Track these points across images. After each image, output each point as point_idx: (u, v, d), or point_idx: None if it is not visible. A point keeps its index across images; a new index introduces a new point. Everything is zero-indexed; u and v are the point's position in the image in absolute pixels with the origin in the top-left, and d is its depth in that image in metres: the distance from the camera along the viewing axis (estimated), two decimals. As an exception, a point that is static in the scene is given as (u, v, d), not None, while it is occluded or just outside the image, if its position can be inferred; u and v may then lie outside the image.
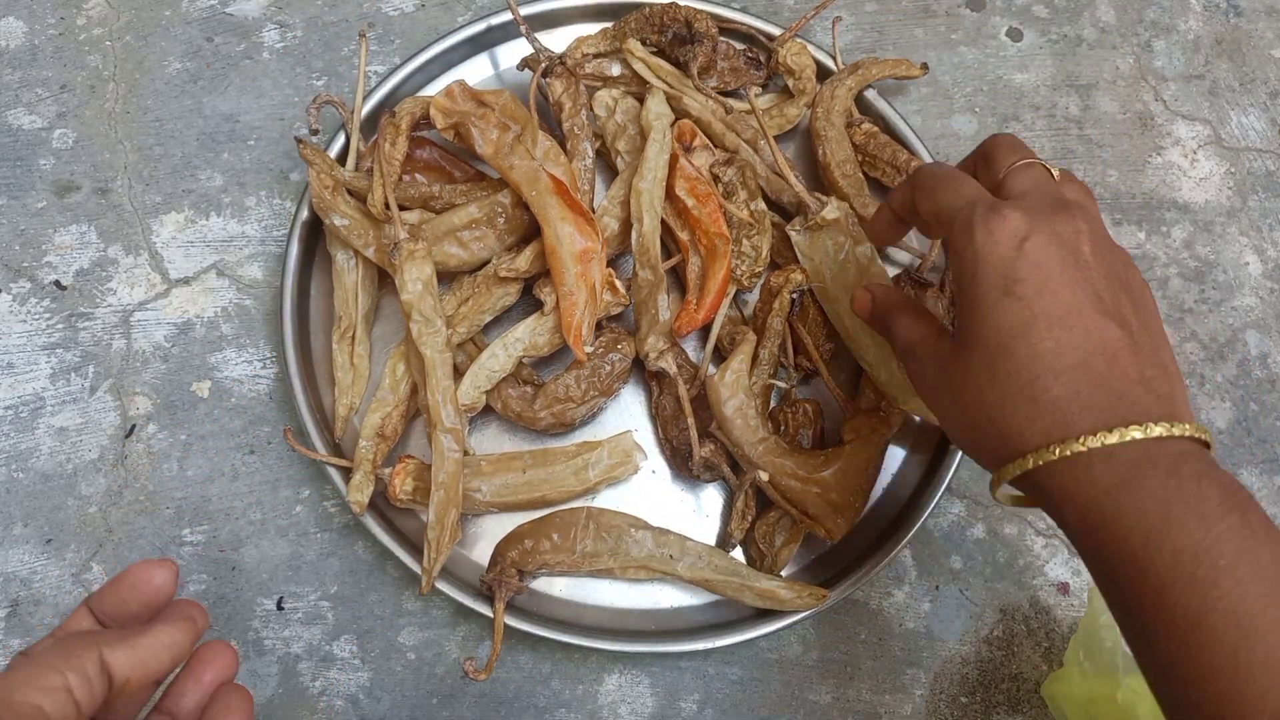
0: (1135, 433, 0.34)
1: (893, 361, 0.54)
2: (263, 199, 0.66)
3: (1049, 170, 0.43)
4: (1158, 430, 0.35)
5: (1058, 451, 0.35)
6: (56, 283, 0.63)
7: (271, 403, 0.61)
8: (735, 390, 0.53)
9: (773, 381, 0.58)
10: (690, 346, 0.61)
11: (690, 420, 0.55)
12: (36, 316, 0.63)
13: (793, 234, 0.56)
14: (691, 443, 0.55)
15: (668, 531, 0.55)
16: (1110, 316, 0.37)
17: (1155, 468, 0.34)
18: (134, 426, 0.61)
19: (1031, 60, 0.72)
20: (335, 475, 0.56)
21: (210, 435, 0.60)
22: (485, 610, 0.54)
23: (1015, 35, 0.72)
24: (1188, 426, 0.35)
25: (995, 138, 0.44)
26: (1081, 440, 0.35)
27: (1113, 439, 0.34)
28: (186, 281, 0.64)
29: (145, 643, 0.34)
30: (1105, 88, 0.71)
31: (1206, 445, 0.36)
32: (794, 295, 0.57)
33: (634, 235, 0.57)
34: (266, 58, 0.69)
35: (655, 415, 0.59)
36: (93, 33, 0.69)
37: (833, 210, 0.55)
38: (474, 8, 0.71)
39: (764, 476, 0.52)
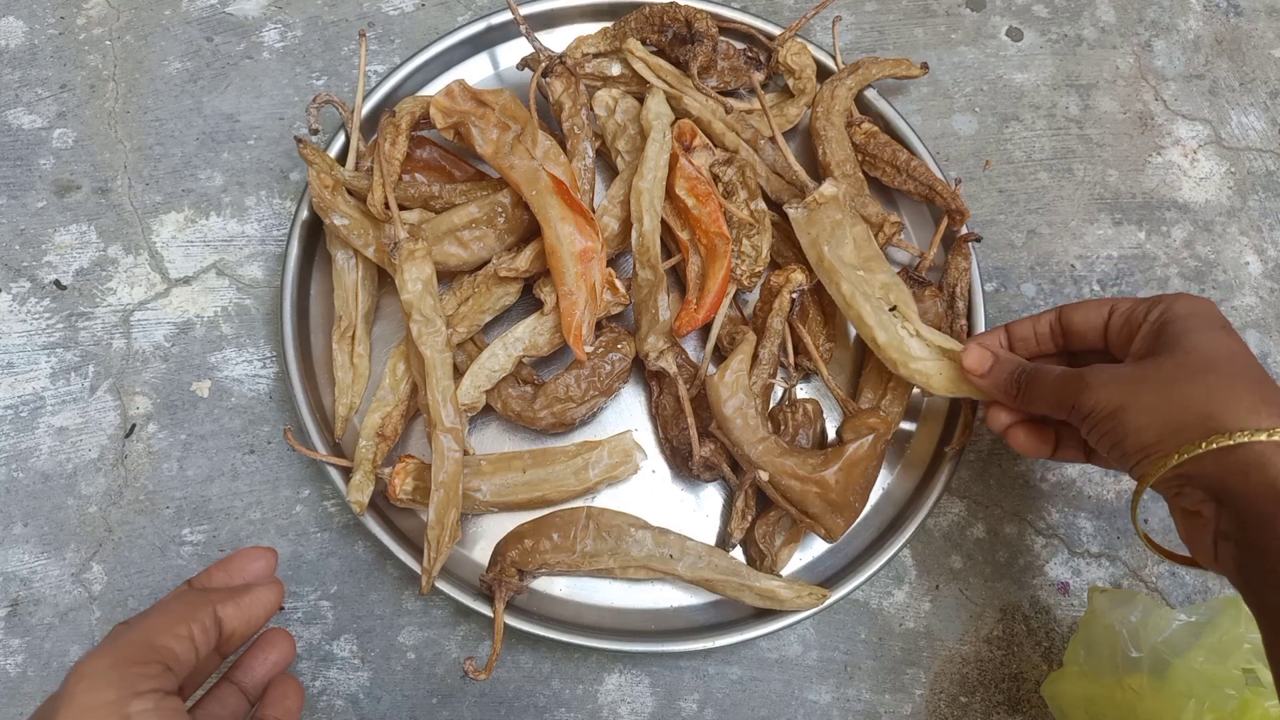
0: None
1: (893, 324, 0.54)
2: (263, 199, 0.66)
3: None
4: None
5: (1266, 435, 0.39)
6: (56, 282, 0.63)
7: (271, 403, 0.61)
8: (735, 390, 0.53)
9: (772, 381, 0.58)
10: (690, 346, 0.61)
11: (690, 420, 0.55)
12: (36, 316, 0.63)
13: (791, 211, 0.56)
14: (691, 443, 0.55)
15: (668, 531, 0.55)
16: None
17: None
18: (134, 426, 0.61)
19: (1031, 60, 0.72)
20: (335, 475, 0.56)
21: (210, 435, 0.60)
22: (485, 610, 0.54)
23: (1015, 35, 0.72)
24: None
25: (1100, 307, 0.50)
26: None
27: None
28: (186, 281, 0.64)
29: (248, 600, 0.42)
30: (1105, 87, 0.71)
31: None
32: (794, 295, 0.57)
33: (634, 235, 0.57)
34: (266, 57, 0.69)
35: (655, 415, 0.59)
36: (93, 32, 0.69)
37: (830, 187, 0.54)
38: (474, 7, 0.71)
39: (764, 476, 0.52)
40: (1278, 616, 0.39)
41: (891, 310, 0.54)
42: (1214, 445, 0.40)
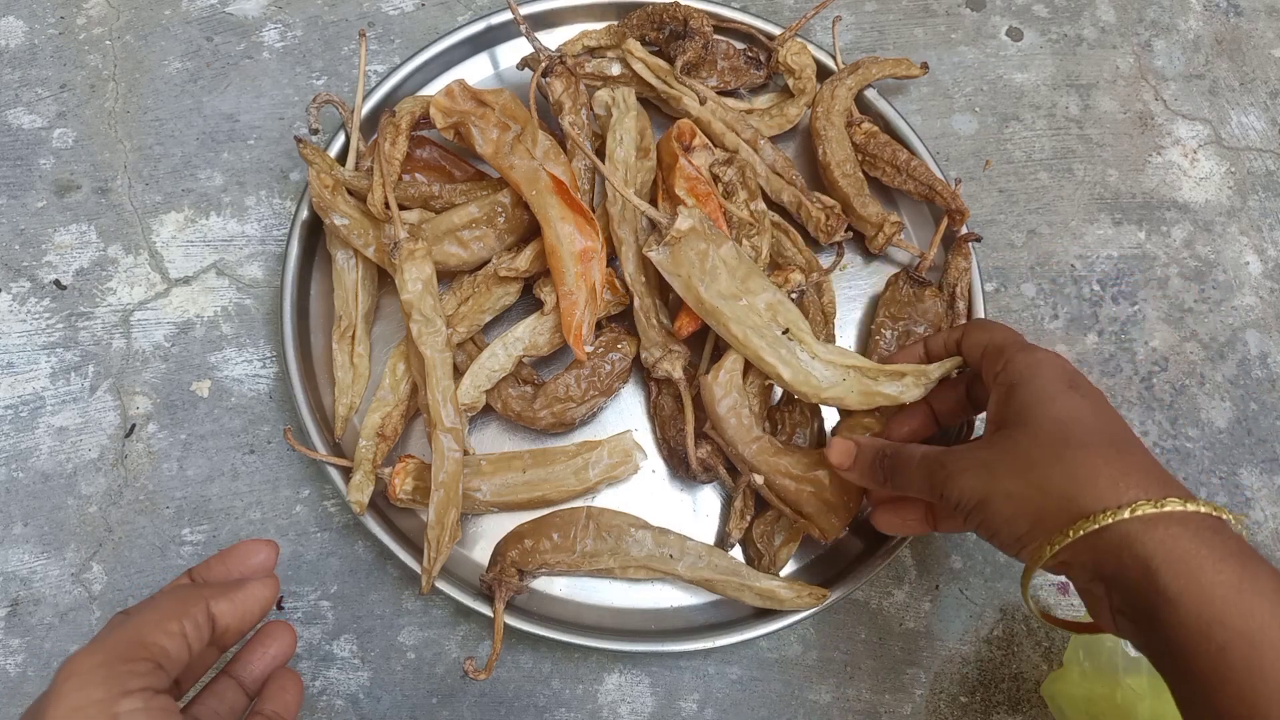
0: (1203, 508, 0.38)
1: (793, 355, 0.52)
2: (263, 198, 0.66)
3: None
4: (1221, 514, 0.38)
5: (1129, 512, 0.37)
6: (56, 282, 0.63)
7: (271, 402, 0.61)
8: (729, 389, 0.53)
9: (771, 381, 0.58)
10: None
11: (689, 423, 0.55)
12: (36, 316, 0.63)
13: (654, 255, 0.52)
14: (687, 445, 0.55)
15: (668, 531, 0.55)
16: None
17: (1224, 535, 0.37)
18: (134, 426, 0.61)
19: (1032, 60, 0.72)
20: (335, 475, 0.56)
21: (210, 435, 0.60)
22: (485, 610, 0.54)
23: (1015, 35, 0.72)
24: (1236, 519, 0.39)
25: (994, 332, 0.49)
26: (1156, 504, 0.38)
27: (1185, 507, 0.37)
28: (186, 281, 0.64)
29: (241, 596, 0.41)
30: (1105, 87, 0.71)
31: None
32: (793, 296, 0.57)
33: (625, 265, 0.56)
34: (266, 57, 0.69)
35: (654, 415, 0.59)
36: (93, 32, 0.69)
37: (685, 219, 0.51)
38: (474, 7, 0.71)
39: (758, 480, 0.52)
40: (1186, 689, 0.37)
41: (785, 333, 0.52)
42: (1081, 532, 0.38)
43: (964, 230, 0.61)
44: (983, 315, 0.60)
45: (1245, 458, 0.63)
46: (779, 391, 0.59)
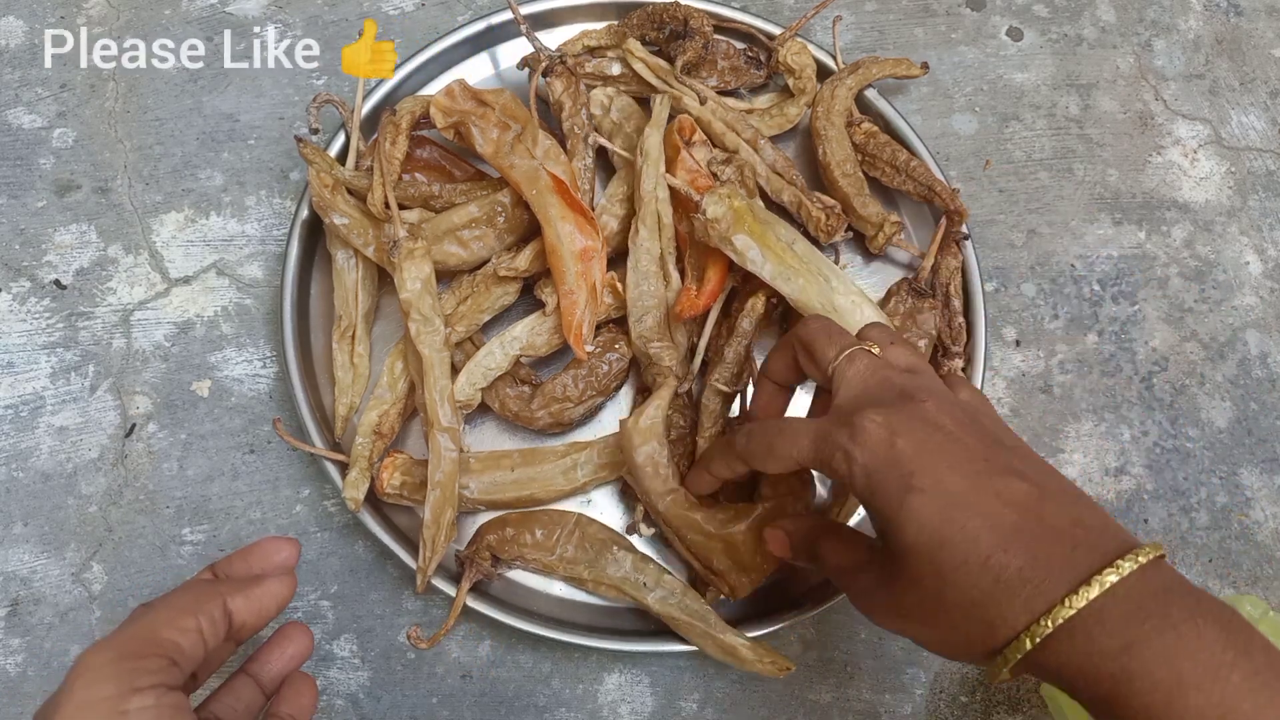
0: (1111, 576, 0.33)
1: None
2: (263, 198, 0.66)
3: (869, 351, 0.42)
4: (1128, 566, 0.34)
5: (1050, 623, 0.34)
6: (56, 282, 0.63)
7: (271, 402, 0.61)
8: (648, 437, 0.51)
9: (736, 389, 0.56)
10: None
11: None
12: (36, 316, 0.63)
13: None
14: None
15: (649, 560, 0.54)
16: (1007, 473, 0.37)
17: (1150, 619, 0.33)
18: (134, 426, 0.61)
19: (1032, 60, 0.72)
20: (334, 472, 0.56)
21: (210, 435, 0.60)
22: (484, 610, 0.54)
23: (1015, 34, 0.72)
24: (1146, 549, 0.35)
25: (809, 327, 0.44)
26: (1067, 603, 0.33)
27: (1094, 591, 0.33)
28: (186, 281, 0.64)
29: (258, 593, 0.41)
30: (1105, 87, 0.71)
31: (1162, 555, 0.35)
32: (774, 299, 0.56)
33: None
34: (267, 57, 0.69)
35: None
36: (92, 32, 0.69)
37: (715, 204, 0.52)
38: (474, 7, 0.71)
39: (646, 532, 0.54)
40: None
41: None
42: (1009, 663, 0.35)
43: (961, 230, 0.61)
44: (982, 315, 0.60)
45: (1245, 458, 0.63)
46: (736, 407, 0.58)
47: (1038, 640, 0.34)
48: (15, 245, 0.64)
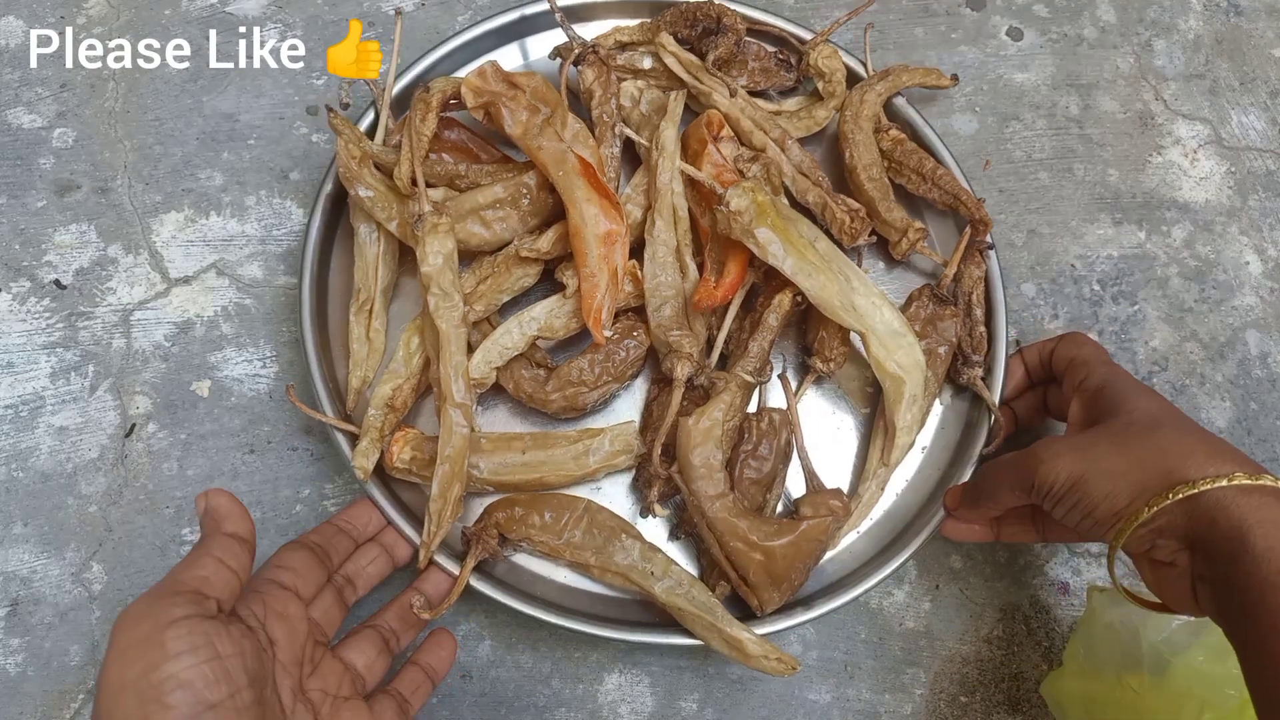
0: (1267, 479, 0.42)
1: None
2: (263, 198, 0.66)
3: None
4: (1268, 480, 0.42)
5: (1248, 480, 0.42)
6: (56, 282, 0.63)
7: (271, 402, 0.61)
8: (706, 439, 0.51)
9: (761, 380, 0.56)
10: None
11: (660, 436, 0.54)
12: (36, 316, 0.63)
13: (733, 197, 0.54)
14: (653, 459, 0.54)
15: (657, 549, 0.54)
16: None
17: (1272, 509, 0.41)
18: (134, 426, 0.61)
19: (1032, 60, 0.72)
20: (344, 444, 0.55)
21: (210, 435, 0.60)
22: (487, 590, 0.53)
23: (1015, 34, 0.72)
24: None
25: (1082, 348, 0.55)
26: (1231, 479, 0.42)
27: (1244, 480, 0.42)
28: (186, 281, 0.64)
29: (240, 513, 0.45)
30: (1105, 87, 0.71)
31: None
32: (798, 297, 0.56)
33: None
34: (267, 57, 0.69)
35: (646, 413, 0.59)
36: (93, 32, 0.69)
37: (738, 197, 0.53)
38: (474, 8, 0.71)
39: (661, 513, 0.55)
40: (1256, 651, 0.41)
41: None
42: (1180, 495, 0.43)
43: (985, 240, 0.61)
44: (1004, 325, 0.60)
45: (1245, 457, 0.63)
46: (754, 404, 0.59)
47: (1208, 488, 0.42)
48: (15, 245, 0.64)
